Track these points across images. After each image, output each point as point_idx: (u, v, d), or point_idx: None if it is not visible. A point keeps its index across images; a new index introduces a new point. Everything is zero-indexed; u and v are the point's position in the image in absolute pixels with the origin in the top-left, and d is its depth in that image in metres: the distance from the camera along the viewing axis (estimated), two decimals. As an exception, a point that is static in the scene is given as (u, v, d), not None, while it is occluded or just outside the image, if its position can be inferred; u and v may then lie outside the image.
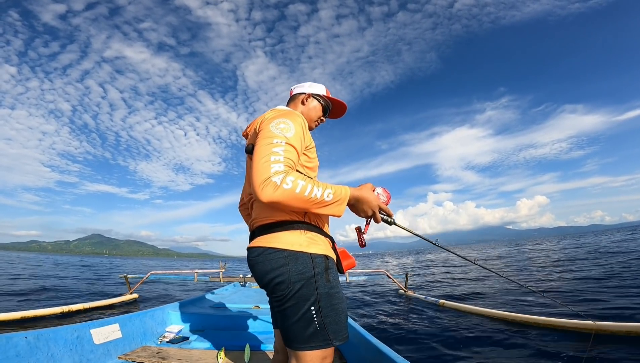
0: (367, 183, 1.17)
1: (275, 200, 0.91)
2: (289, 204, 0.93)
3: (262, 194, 0.91)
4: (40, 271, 14.17)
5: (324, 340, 1.00)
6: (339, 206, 1.02)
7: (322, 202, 0.97)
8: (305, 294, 1.00)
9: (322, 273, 1.03)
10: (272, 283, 1.02)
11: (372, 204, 1.09)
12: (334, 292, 1.04)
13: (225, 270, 6.43)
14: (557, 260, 11.59)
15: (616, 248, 13.49)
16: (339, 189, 1.03)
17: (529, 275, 8.32)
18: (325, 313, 1.00)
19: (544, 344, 2.94)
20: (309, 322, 0.99)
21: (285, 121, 1.07)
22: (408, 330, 3.85)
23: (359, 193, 1.08)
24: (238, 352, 2.15)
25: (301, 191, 0.93)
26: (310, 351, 0.99)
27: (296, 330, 1.00)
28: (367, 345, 1.84)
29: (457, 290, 6.89)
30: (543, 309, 4.30)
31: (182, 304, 3.06)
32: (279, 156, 0.96)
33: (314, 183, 0.97)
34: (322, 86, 1.42)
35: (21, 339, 1.59)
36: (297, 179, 0.93)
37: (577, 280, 6.47)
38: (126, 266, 24.45)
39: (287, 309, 1.01)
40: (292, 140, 1.03)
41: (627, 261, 8.61)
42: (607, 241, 20.63)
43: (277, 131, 1.03)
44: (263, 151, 0.98)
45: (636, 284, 5.32)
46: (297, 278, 1.00)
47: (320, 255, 1.06)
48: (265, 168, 0.93)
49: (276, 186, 0.90)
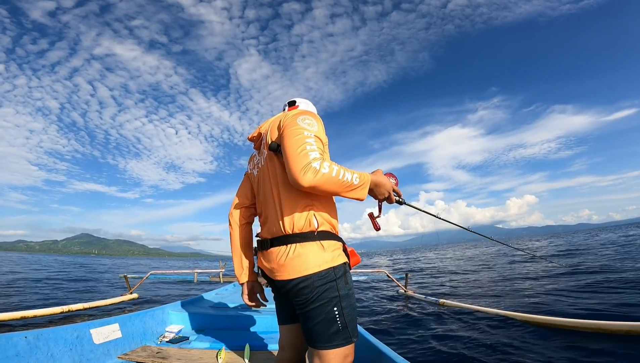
0: (378, 168, 1.26)
1: (315, 184, 0.99)
2: (327, 188, 1.02)
3: (305, 179, 0.97)
4: (32, 271, 14.17)
5: (345, 338, 1.07)
6: (363, 190, 1.10)
7: (352, 186, 1.06)
8: (328, 296, 1.06)
9: (341, 277, 1.10)
10: (296, 288, 1.08)
11: (387, 186, 1.21)
12: (351, 293, 1.13)
13: (225, 269, 6.44)
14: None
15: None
16: (363, 175, 1.11)
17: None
18: (347, 312, 1.08)
19: (544, 342, 2.94)
20: (332, 321, 1.06)
21: (309, 118, 1.17)
22: (408, 329, 3.85)
23: (376, 178, 1.18)
24: (238, 351, 2.15)
25: (337, 175, 1.01)
26: (334, 349, 1.06)
27: (320, 330, 1.06)
28: (367, 345, 1.83)
29: (456, 289, 6.89)
30: (543, 308, 4.31)
31: (182, 304, 3.05)
32: (312, 146, 1.05)
33: (344, 169, 1.05)
34: (315, 109, 1.50)
35: (21, 339, 1.59)
36: (332, 165, 1.02)
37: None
38: (115, 266, 24.39)
39: (311, 311, 1.07)
40: (319, 133, 1.13)
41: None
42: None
43: (306, 125, 1.12)
44: (298, 141, 1.05)
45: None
46: (320, 283, 1.06)
47: (341, 263, 1.12)
48: (304, 155, 1.01)
49: (316, 170, 0.98)
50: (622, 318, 3.38)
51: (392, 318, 4.51)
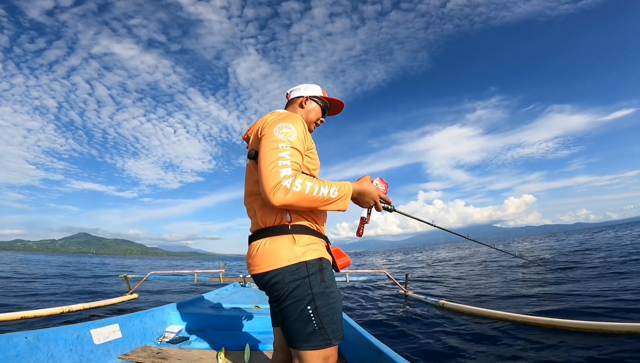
0: (365, 175, 1.22)
1: (286, 203, 0.96)
2: (300, 205, 0.99)
3: (274, 199, 0.95)
4: (31, 271, 14.17)
5: (323, 339, 1.02)
6: (343, 202, 1.08)
7: (329, 200, 1.03)
8: (300, 293, 1.03)
9: (316, 274, 1.06)
10: (269, 284, 1.06)
11: (372, 195, 1.16)
12: (329, 292, 1.07)
13: (225, 270, 6.44)
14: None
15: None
16: (343, 186, 1.08)
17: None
18: (322, 312, 1.03)
19: (544, 344, 2.94)
20: (307, 321, 1.02)
21: (287, 125, 1.10)
22: (408, 330, 3.85)
23: (359, 186, 1.14)
24: (238, 352, 2.15)
25: (310, 192, 0.98)
26: (312, 351, 1.02)
27: (295, 330, 1.03)
28: (367, 345, 1.83)
29: (456, 290, 6.89)
30: (543, 309, 4.31)
31: (182, 304, 3.06)
32: (286, 160, 1.00)
33: (320, 183, 1.02)
34: (317, 87, 1.42)
35: (21, 339, 1.59)
36: (305, 181, 0.98)
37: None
38: (116, 266, 24.39)
39: (285, 309, 1.04)
40: (296, 143, 1.07)
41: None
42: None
43: (281, 136, 1.06)
44: (270, 156, 1.01)
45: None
46: (291, 278, 1.03)
47: (314, 259, 1.08)
48: (274, 173, 0.97)
49: (286, 189, 0.95)
50: (622, 319, 3.39)
51: (392, 318, 4.51)
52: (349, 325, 2.19)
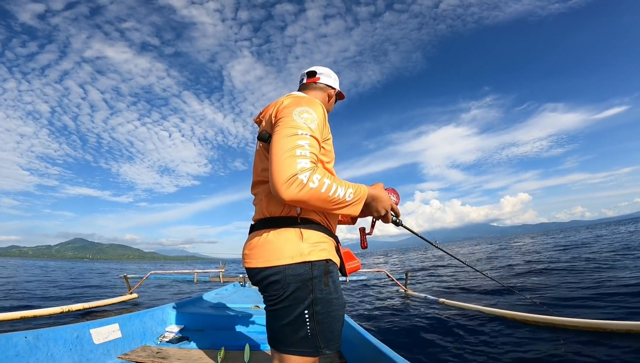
0: (379, 182, 1.12)
1: (299, 199, 0.82)
2: (312, 204, 0.86)
3: (287, 193, 0.81)
4: (27, 276, 14.15)
5: (313, 347, 0.93)
6: (357, 206, 0.96)
7: (343, 202, 0.91)
8: (299, 296, 0.93)
9: (320, 277, 0.95)
10: (266, 281, 0.96)
11: (385, 204, 1.06)
12: (332, 298, 0.96)
13: (225, 270, 6.44)
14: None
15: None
16: (359, 188, 0.96)
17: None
18: (319, 319, 0.93)
19: (544, 342, 2.94)
20: (301, 326, 0.93)
21: (309, 110, 0.95)
22: (408, 329, 3.85)
23: (374, 191, 1.03)
24: (238, 351, 2.15)
25: (326, 191, 0.85)
26: (298, 356, 0.94)
27: (286, 333, 0.94)
28: (367, 345, 1.83)
29: (456, 288, 6.89)
30: (543, 308, 4.30)
31: (182, 304, 3.05)
32: (305, 150, 0.86)
33: (338, 182, 0.90)
34: (337, 79, 1.35)
35: (21, 339, 1.59)
36: (323, 178, 0.85)
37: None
38: (116, 271, 24.33)
39: (279, 310, 0.95)
40: (316, 132, 0.93)
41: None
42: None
43: (301, 121, 0.91)
44: (287, 143, 0.86)
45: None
46: (293, 280, 0.93)
47: (322, 259, 0.97)
48: (290, 163, 0.82)
49: (302, 184, 0.81)
50: (622, 318, 3.39)
51: (392, 318, 4.51)
52: (348, 325, 2.19)
